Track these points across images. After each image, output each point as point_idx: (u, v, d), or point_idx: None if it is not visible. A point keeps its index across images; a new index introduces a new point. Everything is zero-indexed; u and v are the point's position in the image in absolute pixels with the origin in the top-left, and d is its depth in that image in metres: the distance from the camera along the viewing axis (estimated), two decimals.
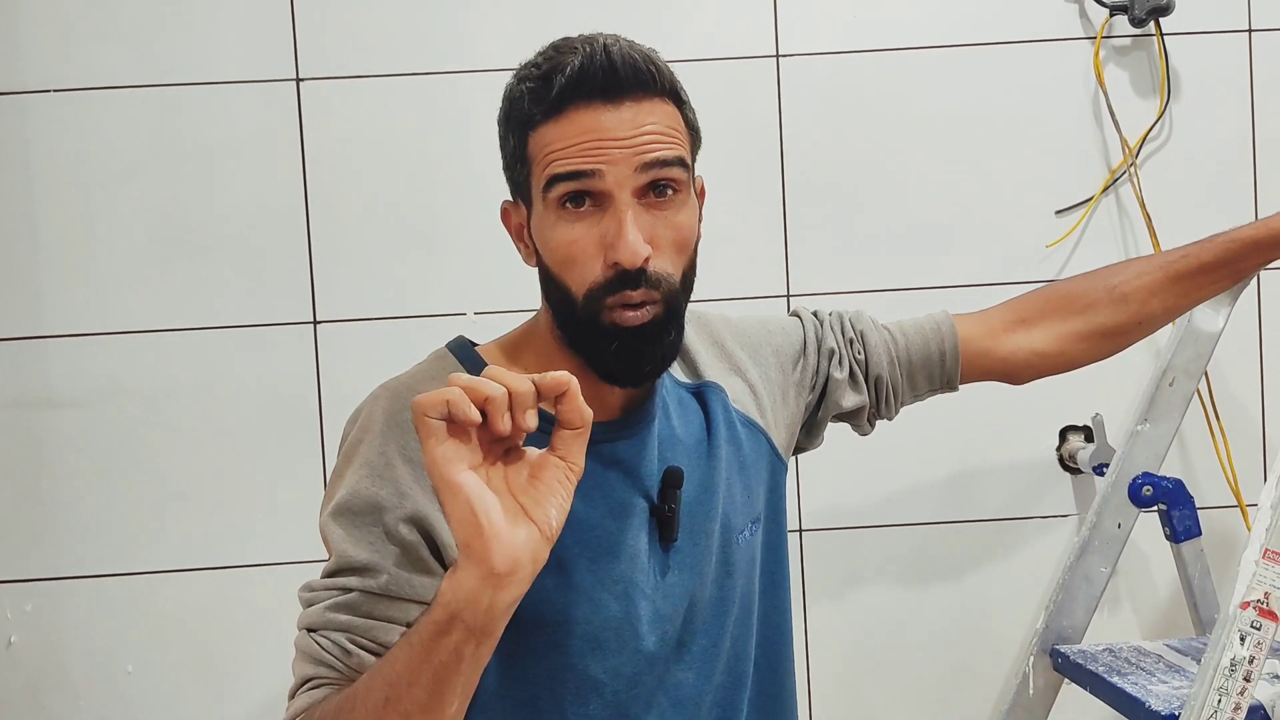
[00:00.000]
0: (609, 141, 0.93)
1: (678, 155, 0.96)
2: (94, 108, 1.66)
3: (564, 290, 0.97)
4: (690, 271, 1.00)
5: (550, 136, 0.94)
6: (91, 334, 1.67)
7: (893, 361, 1.21)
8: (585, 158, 0.93)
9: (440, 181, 1.68)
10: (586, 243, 0.94)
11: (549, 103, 0.94)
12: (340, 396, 1.67)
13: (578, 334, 0.97)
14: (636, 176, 0.93)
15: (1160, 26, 1.66)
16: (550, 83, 0.94)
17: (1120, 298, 1.25)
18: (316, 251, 1.67)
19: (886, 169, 1.70)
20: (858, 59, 1.69)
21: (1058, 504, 1.73)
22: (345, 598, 0.92)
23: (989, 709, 1.73)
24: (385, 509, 0.94)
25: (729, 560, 1.06)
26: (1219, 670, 1.19)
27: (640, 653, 0.99)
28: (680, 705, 1.02)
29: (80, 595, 1.67)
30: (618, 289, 0.94)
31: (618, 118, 0.93)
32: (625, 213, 0.93)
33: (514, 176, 1.01)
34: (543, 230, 0.97)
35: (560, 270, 0.96)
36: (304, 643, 0.93)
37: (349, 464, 0.97)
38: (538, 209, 0.98)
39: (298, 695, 0.92)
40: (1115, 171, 1.69)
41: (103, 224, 1.67)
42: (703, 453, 1.06)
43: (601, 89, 0.93)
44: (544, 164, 0.95)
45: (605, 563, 0.98)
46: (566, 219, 0.95)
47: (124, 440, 1.67)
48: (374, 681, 0.82)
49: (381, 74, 1.66)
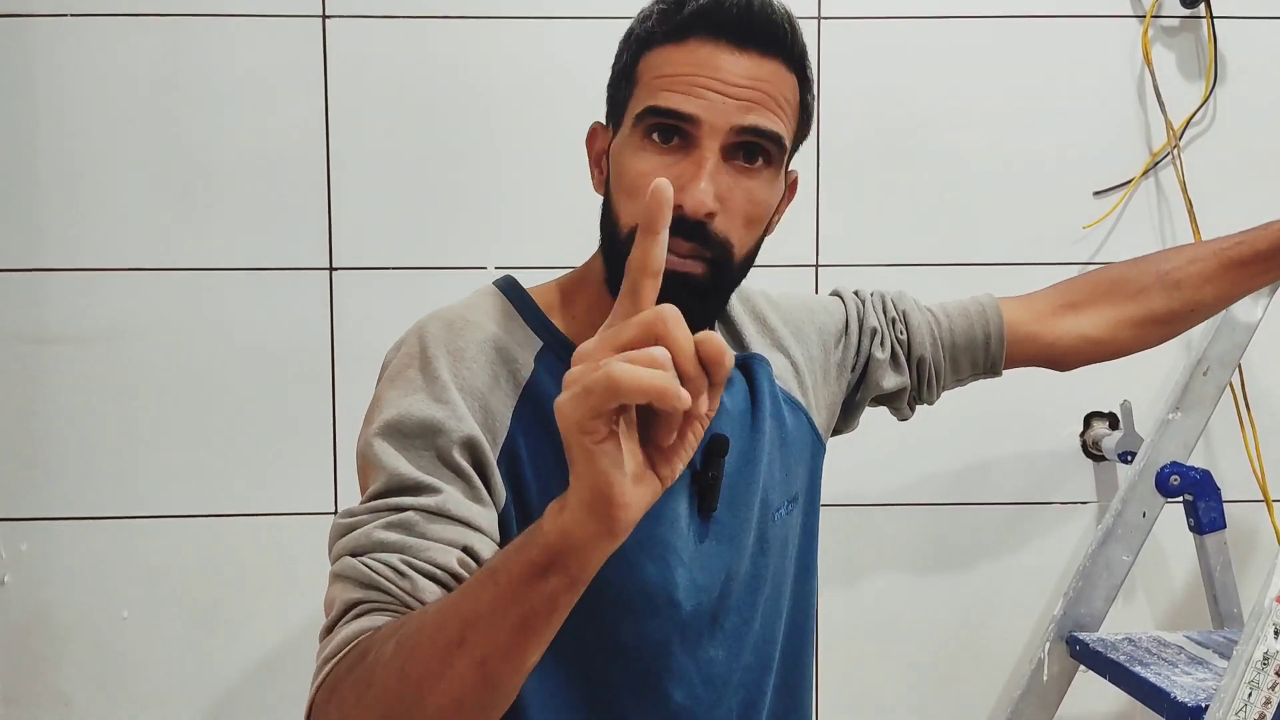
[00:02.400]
0: (717, 84, 0.89)
1: (778, 131, 0.92)
2: (105, 34, 1.60)
3: (615, 220, 0.94)
4: (752, 252, 0.96)
5: (662, 60, 0.91)
6: (94, 269, 1.62)
7: (936, 343, 1.19)
8: (688, 97, 0.89)
9: (466, 131, 1.63)
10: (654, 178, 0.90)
11: (674, 24, 0.91)
12: (353, 345, 1.63)
13: (617, 271, 0.92)
14: (730, 133, 0.90)
15: (1211, 8, 1.63)
16: (681, 8, 0.91)
17: (1173, 284, 1.22)
18: (335, 196, 1.62)
19: (923, 139, 1.66)
20: (901, 25, 1.65)
21: (1078, 490, 1.70)
22: (398, 517, 0.85)
23: (998, 694, 1.71)
24: (440, 431, 0.88)
25: (765, 537, 1.03)
26: (1251, 663, 1.17)
27: (673, 620, 0.95)
28: (709, 682, 0.98)
29: (77, 537, 1.63)
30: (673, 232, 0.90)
31: (735, 64, 0.90)
32: (706, 161, 0.89)
33: (614, 95, 0.98)
34: (622, 154, 0.93)
35: (621, 198, 0.93)
36: (348, 567, 0.84)
37: (394, 387, 0.92)
38: (624, 130, 0.94)
39: (344, 623, 0.82)
40: (1157, 154, 1.66)
41: (110, 156, 1.61)
42: (747, 424, 1.03)
43: (731, 27, 0.90)
44: (648, 88, 0.91)
45: (644, 525, 0.93)
46: (649, 150, 0.91)
47: (126, 380, 1.63)
48: (447, 618, 0.73)
49: (413, 15, 1.61)
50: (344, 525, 0.87)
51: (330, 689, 0.79)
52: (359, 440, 0.92)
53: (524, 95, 1.62)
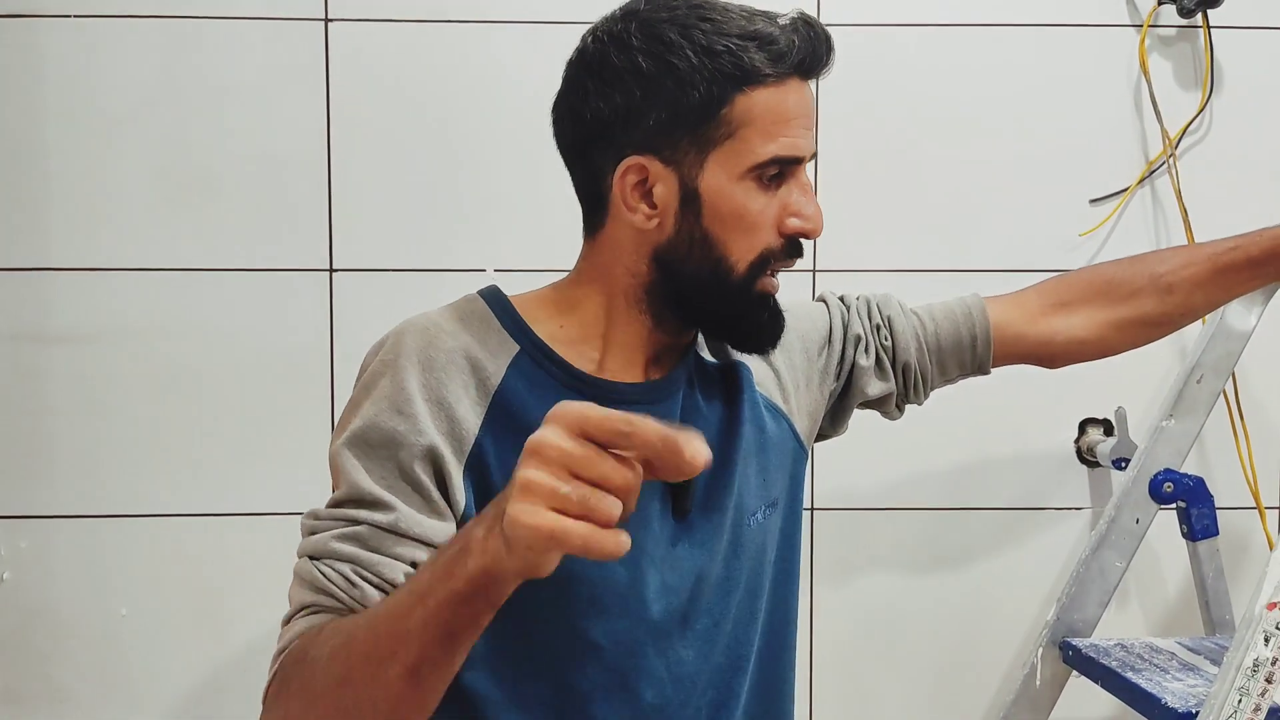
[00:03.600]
0: (809, 121, 0.97)
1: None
2: (110, 36, 1.61)
3: (721, 257, 0.97)
4: None
5: (773, 104, 0.94)
6: (95, 269, 1.63)
7: (921, 348, 1.19)
8: (799, 141, 0.96)
9: (467, 135, 1.64)
10: (768, 212, 0.96)
11: (781, 68, 0.94)
12: (352, 346, 1.64)
13: (727, 302, 0.98)
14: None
15: (1208, 18, 1.64)
16: (779, 46, 0.93)
17: (1165, 287, 1.23)
18: (336, 198, 1.63)
19: (921, 146, 1.67)
20: (898, 32, 1.66)
21: (1072, 496, 1.71)
22: (353, 529, 0.90)
23: (991, 698, 1.72)
24: (402, 444, 0.92)
25: (739, 540, 1.04)
26: (1241, 670, 1.17)
27: (644, 620, 0.97)
28: (679, 682, 1.00)
29: (76, 535, 1.64)
30: (790, 256, 0.99)
31: (809, 97, 0.98)
32: (810, 189, 0.98)
33: (677, 131, 0.94)
34: (727, 196, 0.96)
35: (734, 236, 0.96)
36: (305, 570, 0.90)
37: (367, 395, 0.95)
38: (722, 172, 0.95)
39: (294, 620, 0.89)
40: (1153, 163, 1.67)
41: (114, 156, 1.62)
42: (723, 429, 1.04)
43: (811, 66, 0.96)
44: (765, 135, 0.94)
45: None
46: (763, 189, 0.96)
47: (126, 380, 1.64)
48: (379, 636, 0.79)
49: (415, 19, 1.62)
50: (308, 526, 0.93)
51: (281, 683, 0.86)
52: (331, 444, 0.96)
53: (524, 99, 1.62)
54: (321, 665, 0.82)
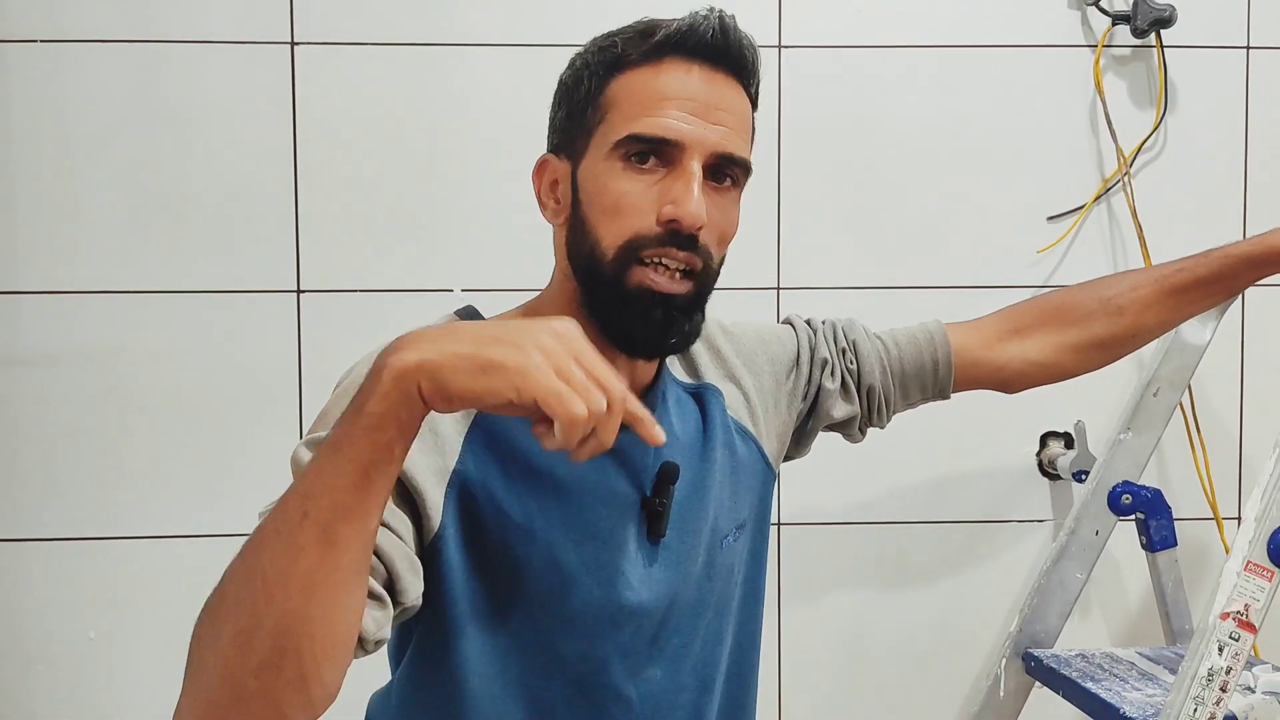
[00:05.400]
0: (699, 106, 0.92)
1: (748, 159, 0.97)
2: (77, 61, 1.62)
3: (594, 244, 0.94)
4: (719, 268, 0.99)
5: (640, 82, 0.93)
6: (66, 292, 1.63)
7: (885, 371, 1.21)
8: (672, 120, 0.92)
9: (433, 155, 1.65)
10: (641, 196, 0.93)
11: (649, 46, 0.93)
12: (321, 367, 1.65)
13: (599, 293, 0.95)
14: (710, 156, 0.93)
15: (1161, 38, 1.67)
16: (653, 33, 0.93)
17: (1115, 310, 1.25)
18: (303, 220, 1.64)
19: (881, 166, 1.70)
20: (860, 54, 1.68)
21: (1035, 509, 1.74)
22: None
23: (955, 709, 1.74)
24: None
25: (713, 563, 1.05)
26: (1196, 679, 1.20)
27: (615, 640, 0.98)
28: (647, 700, 1.00)
29: (44, 557, 1.63)
30: (663, 244, 0.92)
31: (713, 87, 0.93)
32: (695, 178, 0.92)
33: (571, 125, 0.98)
34: (599, 179, 0.94)
35: (602, 219, 0.94)
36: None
37: (338, 405, 0.90)
38: (596, 156, 0.95)
39: None
40: (1109, 180, 1.70)
41: (82, 180, 1.63)
42: (698, 453, 1.05)
43: (706, 49, 0.93)
44: (627, 113, 0.93)
45: (592, 547, 0.96)
46: (630, 171, 0.93)
47: (95, 402, 1.64)
48: (286, 503, 0.74)
49: (380, 42, 1.63)
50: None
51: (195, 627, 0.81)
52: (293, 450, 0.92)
53: (491, 120, 1.64)
54: (231, 573, 0.77)
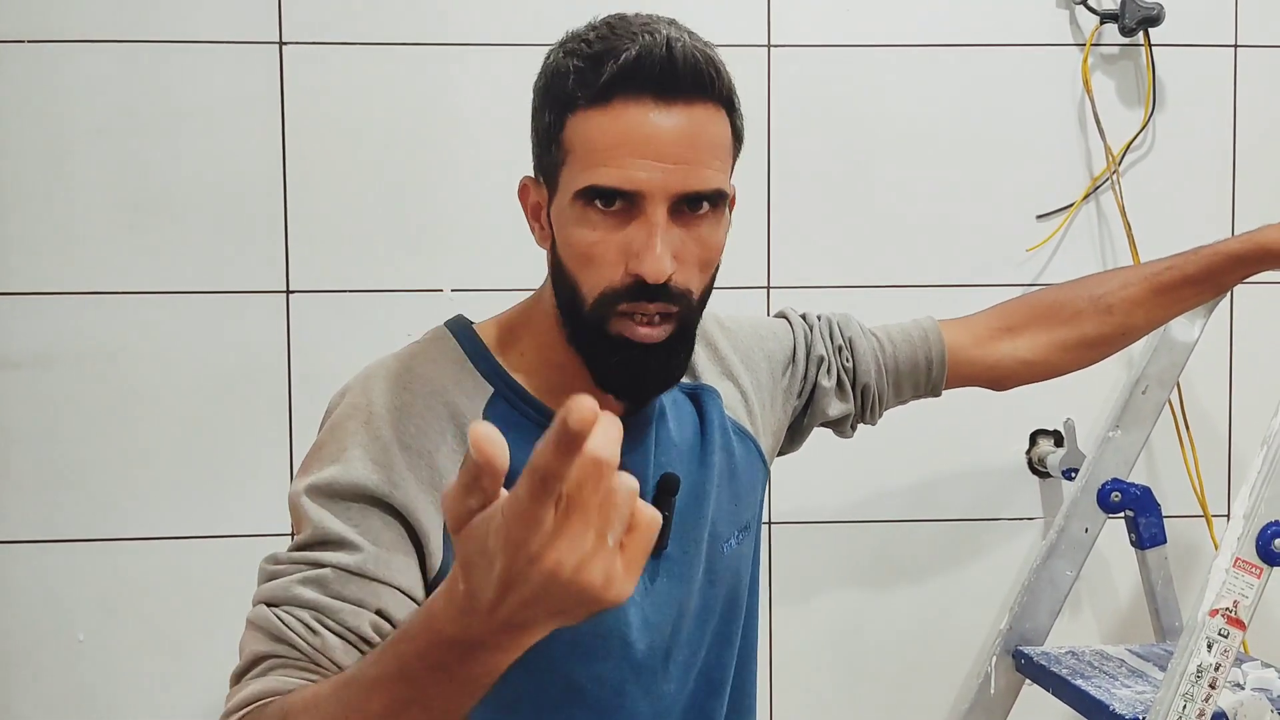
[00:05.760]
0: (652, 150, 0.86)
1: (718, 188, 0.90)
2: (63, 61, 1.61)
3: (574, 288, 0.92)
4: (709, 288, 0.96)
5: (592, 128, 0.88)
6: (54, 293, 1.62)
7: (880, 370, 1.20)
8: (625, 171, 0.86)
9: (423, 155, 1.65)
10: (609, 246, 0.89)
11: (596, 89, 0.87)
12: (310, 368, 1.64)
13: (581, 336, 0.93)
14: (673, 198, 0.88)
15: (1149, 37, 1.67)
16: (600, 67, 0.87)
17: (1105, 308, 1.25)
18: (292, 220, 1.64)
19: (871, 164, 1.70)
20: (849, 53, 1.68)
21: (1025, 507, 1.74)
22: (316, 573, 0.85)
23: (948, 708, 1.74)
24: (374, 495, 0.88)
25: (713, 569, 1.04)
26: (1185, 676, 1.20)
27: (628, 660, 0.96)
28: (660, 716, 0.99)
29: (33, 560, 1.63)
30: (634, 298, 0.89)
31: (667, 122, 0.87)
32: (657, 228, 0.87)
33: (542, 155, 0.94)
34: (564, 223, 0.91)
35: (576, 267, 0.91)
36: (262, 618, 0.85)
37: (334, 440, 0.91)
38: (562, 199, 0.91)
39: (250, 678, 0.84)
40: (1097, 179, 1.70)
41: (70, 180, 1.62)
42: (696, 459, 1.04)
43: (656, 84, 0.86)
44: (583, 161, 0.88)
45: None
46: (593, 217, 0.89)
47: (82, 404, 1.63)
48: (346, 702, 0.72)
49: (369, 42, 1.63)
50: (268, 572, 0.88)
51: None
52: (292, 487, 0.91)
53: (480, 120, 1.64)
54: None
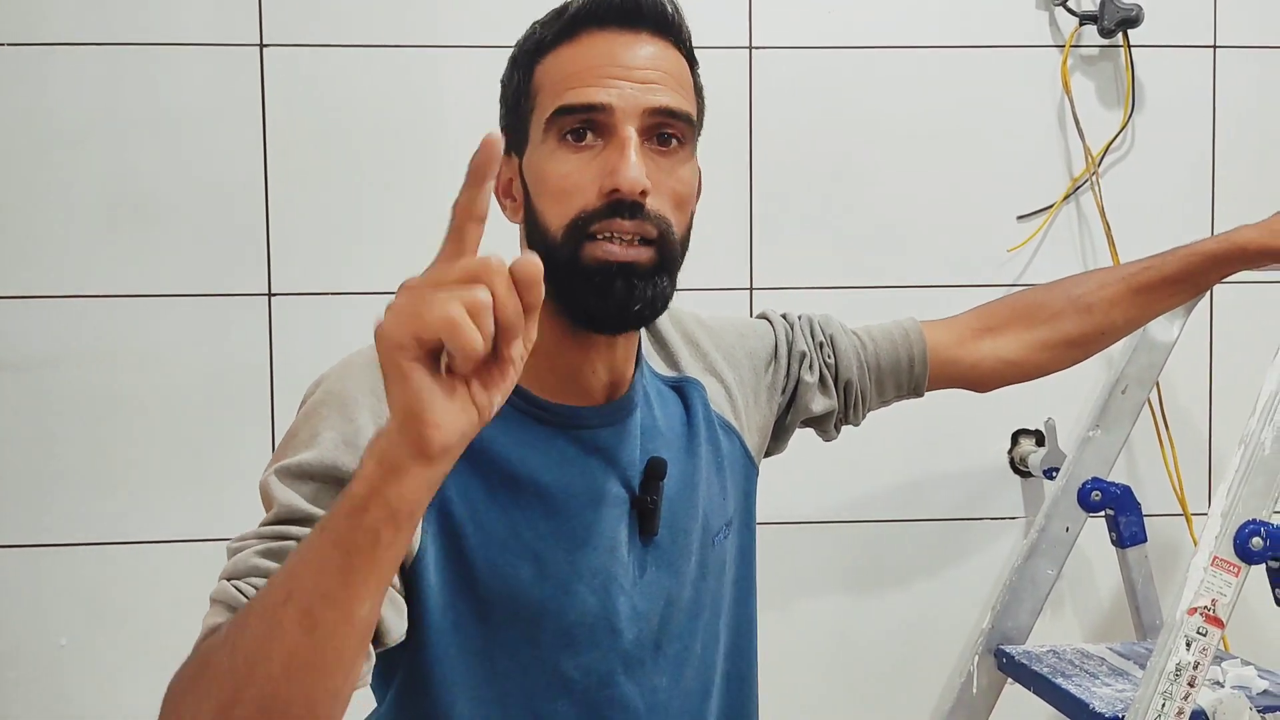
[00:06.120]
0: (621, 70, 0.90)
1: (687, 110, 0.93)
2: (45, 64, 1.61)
3: (544, 228, 0.92)
4: (686, 236, 0.96)
5: (560, 61, 0.92)
6: (35, 296, 1.62)
7: (862, 366, 1.20)
8: (596, 87, 0.90)
9: (405, 158, 1.65)
10: (583, 175, 0.90)
11: (563, 24, 0.93)
12: (292, 371, 1.64)
13: (558, 275, 0.89)
14: (644, 116, 0.90)
15: (1128, 38, 1.68)
16: (566, 9, 0.93)
17: (1084, 308, 1.26)
18: (274, 223, 1.64)
19: (853, 166, 1.70)
20: (830, 55, 1.69)
21: (1007, 506, 1.75)
22: (278, 545, 0.83)
23: (930, 707, 1.74)
24: (346, 475, 0.86)
25: (705, 562, 1.03)
26: (1164, 675, 1.21)
27: (616, 650, 0.96)
28: (654, 710, 0.99)
29: (14, 564, 1.62)
30: (609, 216, 0.89)
31: (633, 49, 0.92)
32: (629, 142, 0.89)
33: (513, 121, 0.97)
34: (538, 164, 0.93)
35: (548, 203, 0.92)
36: (221, 592, 0.82)
37: (307, 426, 0.90)
38: (535, 144, 0.93)
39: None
40: (1077, 180, 1.71)
41: (51, 184, 1.61)
42: (684, 447, 1.03)
43: (620, 14, 0.92)
44: (552, 92, 0.92)
45: (583, 554, 0.94)
46: (566, 150, 0.91)
47: (64, 407, 1.63)
48: (273, 582, 0.73)
49: (350, 44, 1.63)
50: (233, 549, 0.87)
51: (171, 687, 0.78)
52: (263, 474, 0.90)
53: (461, 122, 1.64)
54: (217, 645, 0.75)
